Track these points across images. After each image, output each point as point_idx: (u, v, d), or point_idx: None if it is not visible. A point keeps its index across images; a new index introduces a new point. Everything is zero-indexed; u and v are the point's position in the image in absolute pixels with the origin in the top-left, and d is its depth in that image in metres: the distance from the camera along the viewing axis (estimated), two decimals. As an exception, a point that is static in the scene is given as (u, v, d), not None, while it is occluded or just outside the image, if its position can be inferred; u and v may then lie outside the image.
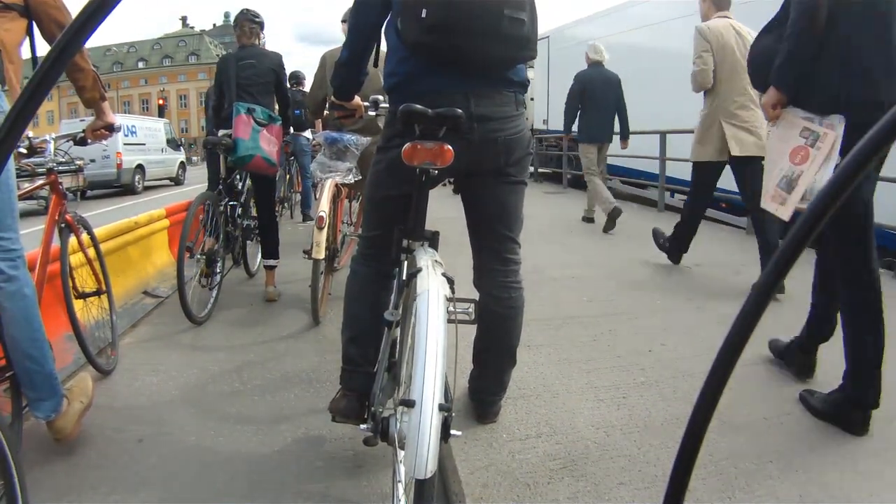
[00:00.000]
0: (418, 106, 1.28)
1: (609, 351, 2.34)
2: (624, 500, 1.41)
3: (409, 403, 0.95)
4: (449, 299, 1.15)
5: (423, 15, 1.36)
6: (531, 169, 10.17)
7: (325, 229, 2.72)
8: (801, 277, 1.76)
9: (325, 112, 3.40)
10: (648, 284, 3.34)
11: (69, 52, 0.33)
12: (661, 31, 7.68)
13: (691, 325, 2.63)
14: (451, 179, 1.70)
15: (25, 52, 1.66)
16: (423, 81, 1.47)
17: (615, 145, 5.44)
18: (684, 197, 4.54)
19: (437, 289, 1.11)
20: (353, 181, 2.97)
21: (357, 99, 1.82)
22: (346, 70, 1.68)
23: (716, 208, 5.98)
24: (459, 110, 1.29)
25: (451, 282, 1.21)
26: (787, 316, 2.24)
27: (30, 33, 1.66)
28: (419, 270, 1.20)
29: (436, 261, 1.28)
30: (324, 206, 2.76)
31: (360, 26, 1.60)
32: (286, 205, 6.66)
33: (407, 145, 1.30)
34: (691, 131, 5.87)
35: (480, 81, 1.48)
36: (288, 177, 6.66)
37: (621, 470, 1.53)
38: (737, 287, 3.23)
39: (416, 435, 0.92)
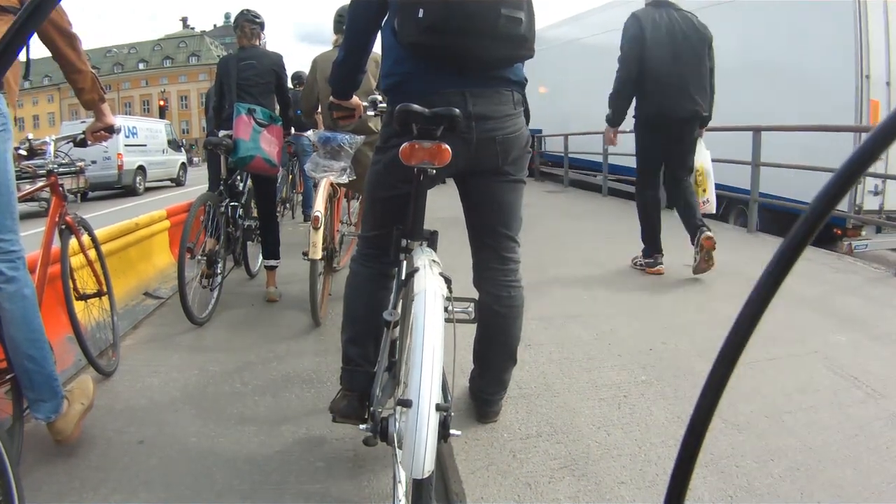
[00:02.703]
0: (415, 105, 1.28)
1: (610, 350, 2.33)
2: (625, 499, 1.41)
3: (407, 403, 0.95)
4: (448, 298, 1.15)
5: (420, 15, 1.36)
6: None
7: (321, 229, 2.72)
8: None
9: (318, 113, 3.42)
10: (649, 283, 3.33)
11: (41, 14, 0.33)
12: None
13: (692, 324, 2.62)
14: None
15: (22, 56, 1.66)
16: (421, 81, 1.47)
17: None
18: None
19: (433, 288, 1.11)
20: (347, 181, 2.97)
21: (355, 98, 1.82)
22: (343, 70, 1.68)
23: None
24: (456, 110, 1.29)
25: (448, 281, 1.20)
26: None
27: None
28: (416, 270, 1.20)
29: (433, 260, 1.28)
30: (319, 207, 2.76)
31: (356, 26, 1.60)
32: (287, 205, 6.66)
33: (405, 145, 1.30)
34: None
35: (478, 81, 1.48)
36: (290, 177, 6.66)
37: (622, 469, 1.53)
38: (737, 285, 3.21)
39: (413, 435, 0.92)
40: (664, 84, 3.10)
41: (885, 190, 5.06)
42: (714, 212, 3.73)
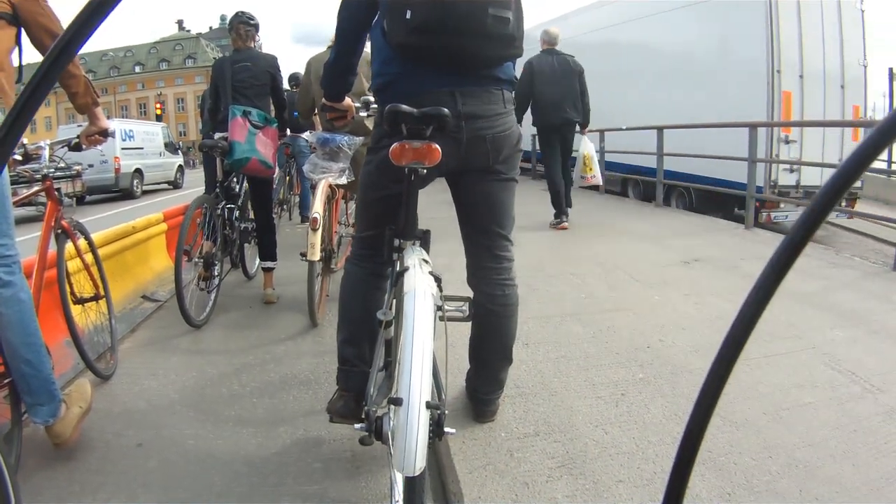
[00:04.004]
0: (404, 106, 1.29)
1: (607, 348, 2.33)
2: (623, 497, 1.41)
3: (397, 402, 0.95)
4: (443, 297, 1.15)
5: (408, 16, 1.36)
6: (529, 165, 10.24)
7: (320, 231, 2.72)
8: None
9: (316, 114, 3.42)
10: (646, 280, 3.33)
11: (64, 59, 0.33)
12: (634, 29, 8.23)
13: (689, 321, 2.62)
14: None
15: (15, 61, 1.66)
16: (410, 81, 1.47)
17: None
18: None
19: (423, 287, 1.12)
20: (346, 182, 2.97)
21: (348, 100, 1.82)
22: (334, 71, 1.69)
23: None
24: (445, 109, 1.29)
25: (438, 280, 1.21)
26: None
27: (18, 42, 1.66)
28: (406, 269, 1.20)
29: (423, 259, 1.28)
30: (317, 208, 2.76)
31: (346, 27, 1.60)
32: (285, 207, 6.64)
33: (394, 145, 1.30)
34: (687, 126, 6.02)
35: (467, 80, 1.48)
36: (288, 178, 6.64)
37: (620, 467, 1.53)
38: (734, 281, 3.22)
39: (404, 433, 0.92)
40: (548, 102, 4.88)
41: (800, 167, 6.21)
42: (600, 184, 5.93)
